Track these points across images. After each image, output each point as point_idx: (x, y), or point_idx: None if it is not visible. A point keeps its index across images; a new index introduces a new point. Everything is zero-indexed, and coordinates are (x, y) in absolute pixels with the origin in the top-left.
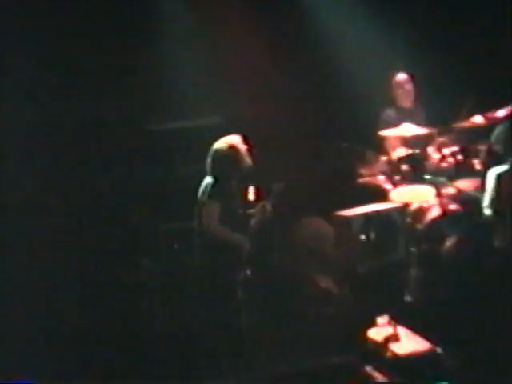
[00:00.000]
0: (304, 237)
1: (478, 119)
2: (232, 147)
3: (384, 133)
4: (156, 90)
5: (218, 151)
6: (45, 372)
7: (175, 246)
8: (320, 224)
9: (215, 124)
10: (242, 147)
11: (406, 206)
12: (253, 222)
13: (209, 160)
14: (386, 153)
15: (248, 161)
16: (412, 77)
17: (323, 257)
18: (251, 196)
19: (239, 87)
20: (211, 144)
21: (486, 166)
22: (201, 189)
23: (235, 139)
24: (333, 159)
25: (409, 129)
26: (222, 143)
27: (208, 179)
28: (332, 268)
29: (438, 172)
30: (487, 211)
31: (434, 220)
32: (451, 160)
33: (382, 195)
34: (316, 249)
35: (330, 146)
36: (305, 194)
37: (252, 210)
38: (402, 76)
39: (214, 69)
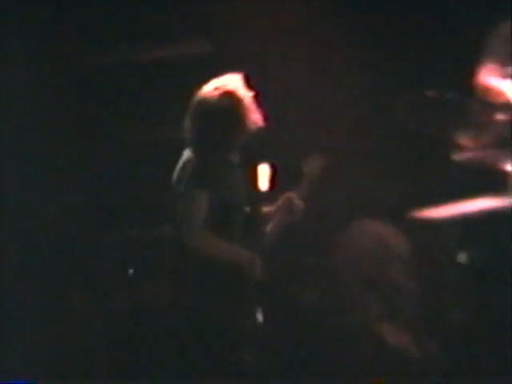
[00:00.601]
0: (357, 254)
1: None
2: (229, 96)
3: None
4: None
5: (204, 104)
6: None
7: (130, 270)
8: (385, 233)
9: (201, 54)
10: (247, 95)
11: None
12: (269, 227)
13: (189, 120)
14: (504, 106)
15: (257, 120)
16: None
17: (391, 290)
18: (264, 183)
19: None
20: (193, 92)
21: None
22: (176, 170)
23: (234, 82)
24: (408, 119)
25: None
26: (211, 89)
27: (188, 153)
28: (407, 311)
29: None
30: None
31: None
32: None
33: (496, 183)
34: (378, 275)
35: (402, 97)
36: (359, 180)
37: (267, 208)
38: None
39: None
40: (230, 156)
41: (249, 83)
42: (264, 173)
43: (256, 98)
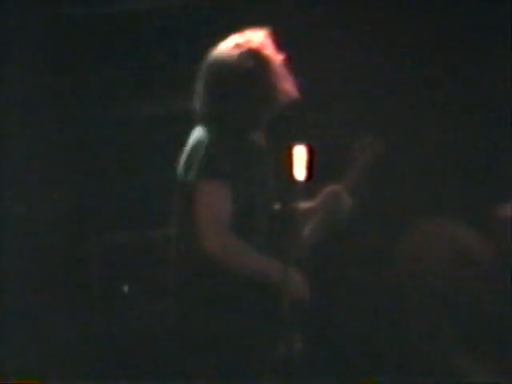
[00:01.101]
0: (424, 265)
1: None
2: (254, 55)
3: None
4: None
5: (221, 65)
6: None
7: (124, 287)
8: (463, 237)
9: (217, 2)
10: (277, 57)
11: None
12: (307, 229)
13: (201, 87)
14: None
15: (290, 88)
16: None
17: (471, 312)
18: (300, 170)
19: None
20: (206, 50)
21: None
22: (184, 153)
23: (260, 38)
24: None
25: None
26: (230, 47)
27: (199, 132)
28: (492, 339)
29: None
30: None
31: None
32: None
33: None
34: (452, 292)
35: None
36: (427, 170)
37: (304, 204)
38: None
39: None
40: (255, 135)
41: (279, 41)
42: (300, 157)
43: (288, 61)
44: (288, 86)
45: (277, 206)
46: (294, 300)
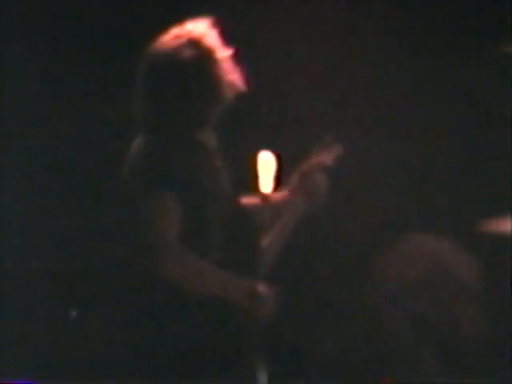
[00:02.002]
0: (401, 284)
1: None
2: (195, 45)
3: None
4: None
5: (160, 58)
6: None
7: (73, 312)
8: (444, 253)
9: None
10: (221, 47)
11: None
12: (266, 241)
13: (140, 85)
14: None
15: (236, 81)
16: None
17: (455, 336)
18: (267, 182)
19: None
20: (145, 44)
21: None
22: (126, 165)
23: (202, 28)
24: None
25: None
26: (170, 38)
27: (141, 138)
28: (479, 366)
29: None
30: None
31: None
32: None
33: None
34: (434, 314)
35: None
36: (402, 177)
37: (264, 213)
38: None
39: None
40: (202, 136)
41: (223, 31)
42: (266, 166)
43: (236, 53)
44: (234, 77)
45: (237, 215)
46: (260, 318)
